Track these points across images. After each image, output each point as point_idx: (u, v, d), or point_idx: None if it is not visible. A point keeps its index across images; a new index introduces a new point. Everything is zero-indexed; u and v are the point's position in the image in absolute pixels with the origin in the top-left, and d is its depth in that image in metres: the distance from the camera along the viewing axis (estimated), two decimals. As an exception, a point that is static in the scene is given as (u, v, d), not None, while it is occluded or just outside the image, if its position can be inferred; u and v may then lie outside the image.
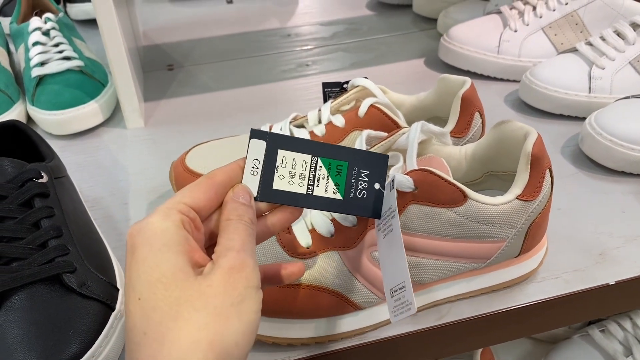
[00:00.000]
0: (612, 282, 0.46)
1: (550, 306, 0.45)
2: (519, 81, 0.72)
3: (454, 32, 0.79)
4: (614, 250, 0.49)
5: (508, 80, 0.76)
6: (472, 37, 0.77)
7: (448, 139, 0.46)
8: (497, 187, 0.48)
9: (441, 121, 0.54)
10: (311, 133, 0.51)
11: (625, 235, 0.50)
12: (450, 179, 0.39)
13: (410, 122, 0.56)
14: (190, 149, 0.54)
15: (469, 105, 0.50)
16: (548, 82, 0.67)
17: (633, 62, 0.65)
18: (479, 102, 0.52)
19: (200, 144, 0.55)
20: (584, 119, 0.63)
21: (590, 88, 0.66)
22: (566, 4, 0.74)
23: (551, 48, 0.74)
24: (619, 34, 0.67)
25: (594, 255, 0.49)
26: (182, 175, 0.51)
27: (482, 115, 0.52)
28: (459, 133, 0.50)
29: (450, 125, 0.50)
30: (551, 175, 0.43)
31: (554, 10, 0.74)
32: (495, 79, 0.77)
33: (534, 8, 0.76)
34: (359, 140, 0.43)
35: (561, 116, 0.68)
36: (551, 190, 0.43)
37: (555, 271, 0.47)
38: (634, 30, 0.66)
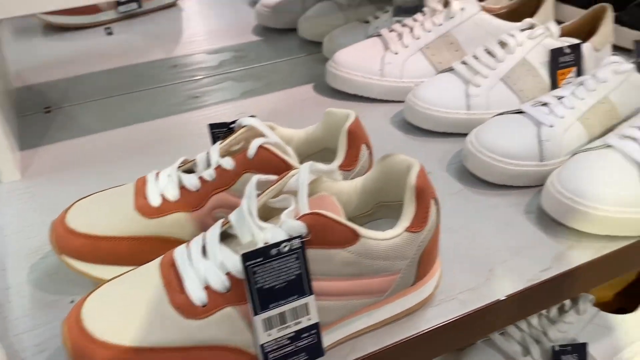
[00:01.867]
0: (502, 298, 0.48)
1: (450, 327, 0.47)
2: (404, 101, 0.75)
3: (339, 57, 0.80)
4: (502, 264, 0.52)
5: (394, 101, 0.79)
6: (356, 62, 0.79)
7: (337, 174, 0.46)
8: (389, 216, 0.49)
9: (331, 152, 0.55)
10: (201, 179, 0.49)
11: (510, 248, 0.53)
12: (341, 219, 0.40)
13: (301, 155, 0.57)
14: (70, 206, 0.51)
15: (355, 139, 0.51)
16: (429, 103, 0.70)
17: (504, 79, 0.70)
18: (364, 134, 0.53)
19: (81, 198, 0.52)
20: (466, 134, 0.66)
21: (468, 105, 0.69)
22: (440, 25, 0.78)
23: (430, 68, 0.78)
24: (489, 53, 0.71)
25: (485, 271, 0.51)
26: (63, 238, 0.47)
27: (368, 147, 0.53)
28: (348, 166, 0.51)
29: (339, 159, 0.51)
30: (436, 204, 0.44)
31: (429, 31, 0.78)
32: (381, 100, 0.80)
33: (412, 30, 0.79)
34: (249, 187, 0.42)
35: (445, 134, 0.71)
36: (438, 218, 0.44)
37: (451, 292, 0.49)
38: (502, 48, 0.71)
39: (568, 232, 0.55)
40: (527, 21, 0.74)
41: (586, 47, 0.72)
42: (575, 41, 0.71)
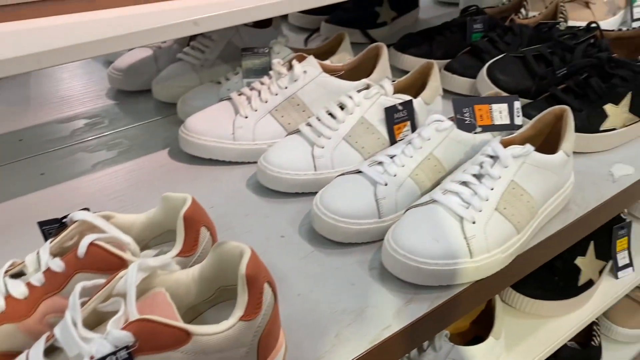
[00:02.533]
0: (346, 363, 0.51)
1: (299, 400, 0.48)
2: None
3: (190, 123, 0.81)
4: (347, 327, 0.54)
5: (249, 163, 0.81)
6: (207, 128, 0.80)
7: (173, 265, 0.46)
8: (233, 298, 0.49)
9: (174, 234, 0.55)
10: (29, 285, 0.47)
11: (355, 310, 0.56)
12: (171, 321, 0.40)
13: (144, 239, 0.56)
14: None
15: (193, 223, 0.52)
16: (279, 166, 0.72)
17: (346, 138, 0.74)
18: (203, 216, 0.53)
19: None
20: (317, 193, 0.69)
21: (315, 166, 0.73)
22: (286, 87, 0.81)
23: (281, 129, 0.81)
24: (331, 114, 0.75)
25: (331, 337, 0.53)
26: None
27: (209, 228, 0.54)
28: (188, 252, 0.51)
29: (178, 246, 0.51)
30: (271, 287, 0.46)
31: (276, 94, 0.81)
32: (236, 163, 0.81)
33: (260, 93, 0.82)
34: (72, 296, 0.41)
35: (297, 194, 0.74)
36: (274, 300, 0.46)
37: (298, 365, 0.50)
38: (342, 110, 0.75)
39: (407, 286, 0.59)
40: (364, 82, 0.79)
41: (417, 103, 0.78)
42: (407, 97, 0.77)
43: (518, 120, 0.73)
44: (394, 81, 0.81)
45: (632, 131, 0.84)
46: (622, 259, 1.01)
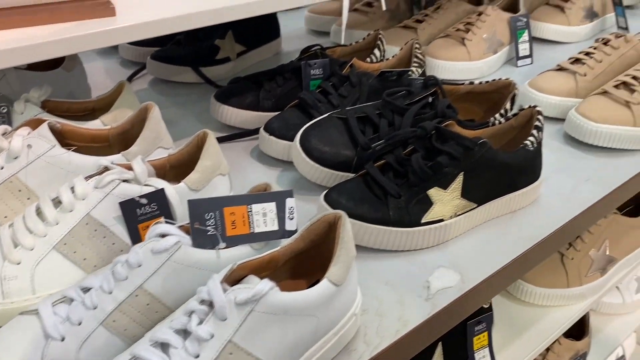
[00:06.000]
0: None
1: None
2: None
3: None
4: None
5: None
6: None
7: None
8: None
9: None
10: None
11: None
12: None
13: None
14: None
15: None
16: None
17: (59, 247, 0.53)
18: None
19: None
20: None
21: (3, 292, 0.52)
22: (2, 168, 0.60)
23: (-8, 223, 0.59)
24: (39, 214, 0.55)
25: None
26: None
27: None
28: None
29: None
30: None
31: (-10, 176, 0.60)
32: None
33: (-30, 173, 0.60)
34: None
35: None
36: None
37: None
38: (56, 208, 0.55)
39: None
40: (100, 164, 0.58)
41: (179, 190, 0.58)
42: (160, 184, 0.57)
43: (291, 225, 0.54)
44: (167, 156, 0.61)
45: (465, 222, 0.67)
46: (480, 359, 0.83)
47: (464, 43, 1.08)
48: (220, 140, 0.85)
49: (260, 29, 1.14)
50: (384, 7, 0.89)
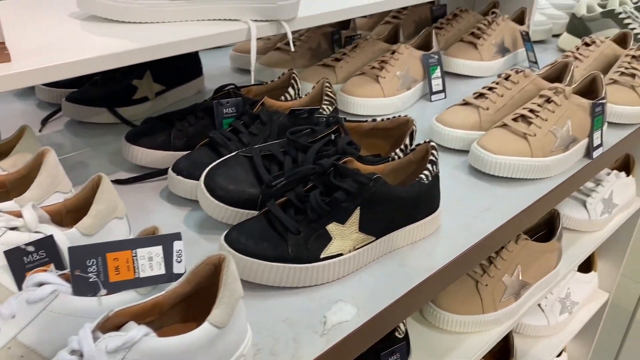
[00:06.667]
0: None
1: None
2: None
3: None
4: None
5: None
6: None
7: None
8: None
9: None
10: None
11: None
12: None
13: None
14: None
15: None
16: None
17: (-64, 300, 0.52)
18: None
19: None
20: None
21: None
22: None
23: None
24: None
25: None
26: None
27: None
28: None
29: None
30: None
31: None
32: None
33: None
34: None
35: None
36: None
37: None
38: None
39: None
40: (-15, 210, 0.57)
41: (64, 238, 0.57)
42: (48, 231, 0.57)
43: (179, 268, 0.54)
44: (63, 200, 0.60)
45: (365, 255, 0.68)
46: (395, 389, 0.84)
47: (378, 80, 1.12)
48: (130, 181, 0.85)
49: (181, 68, 1.15)
50: (292, 48, 0.92)
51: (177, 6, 0.81)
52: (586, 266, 1.58)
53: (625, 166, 1.46)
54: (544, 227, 1.18)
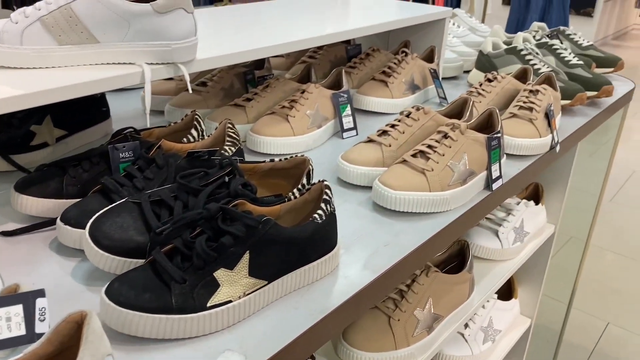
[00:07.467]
0: None
1: None
2: None
3: None
4: None
5: None
6: None
7: None
8: None
9: None
10: None
11: None
12: None
13: None
14: None
15: None
16: None
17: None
18: None
19: None
20: None
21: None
22: None
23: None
24: None
25: None
26: None
27: None
28: None
29: None
30: None
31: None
32: None
33: None
34: None
35: None
36: None
37: None
38: None
39: None
40: None
41: None
42: None
43: (42, 327, 0.51)
44: None
45: (257, 301, 0.67)
46: None
47: (288, 119, 1.12)
48: (16, 232, 0.80)
49: (84, 112, 1.12)
50: (190, 91, 0.91)
51: (67, 51, 0.79)
52: (507, 294, 1.62)
53: (535, 195, 1.52)
54: (455, 258, 1.21)
